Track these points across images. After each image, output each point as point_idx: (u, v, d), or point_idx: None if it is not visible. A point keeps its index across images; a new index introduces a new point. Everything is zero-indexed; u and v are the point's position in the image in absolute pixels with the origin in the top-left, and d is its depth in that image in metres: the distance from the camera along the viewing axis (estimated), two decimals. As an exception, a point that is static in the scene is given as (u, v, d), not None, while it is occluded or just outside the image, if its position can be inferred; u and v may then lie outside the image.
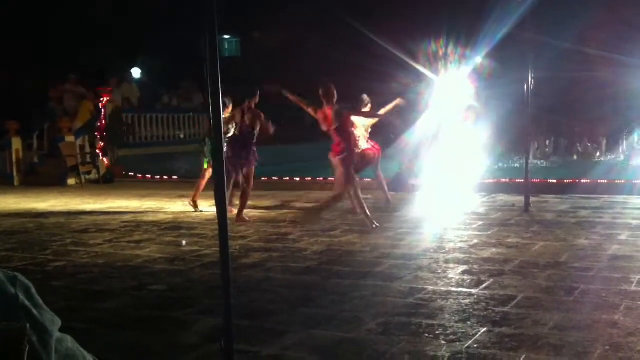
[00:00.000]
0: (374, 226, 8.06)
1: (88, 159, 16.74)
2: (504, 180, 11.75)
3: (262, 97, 9.66)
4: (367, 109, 9.42)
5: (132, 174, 16.56)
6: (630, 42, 16.72)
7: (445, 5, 18.49)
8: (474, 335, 4.14)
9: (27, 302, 0.99)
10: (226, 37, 32.89)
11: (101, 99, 17.45)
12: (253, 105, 9.39)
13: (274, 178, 13.64)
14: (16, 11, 21.37)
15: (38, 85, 18.60)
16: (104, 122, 17.28)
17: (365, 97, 9.46)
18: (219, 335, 3.68)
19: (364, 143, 9.48)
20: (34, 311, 0.99)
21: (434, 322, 4.42)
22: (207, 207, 10.03)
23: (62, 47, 21.32)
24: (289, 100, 9.34)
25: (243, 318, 4.47)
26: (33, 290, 1.06)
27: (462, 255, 6.47)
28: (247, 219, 9.06)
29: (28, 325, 0.92)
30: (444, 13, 16.90)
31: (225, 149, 8.93)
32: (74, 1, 22.07)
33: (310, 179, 13.51)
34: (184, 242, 7.71)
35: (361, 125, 9.38)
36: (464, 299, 4.94)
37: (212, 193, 3.94)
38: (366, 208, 8.25)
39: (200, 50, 3.76)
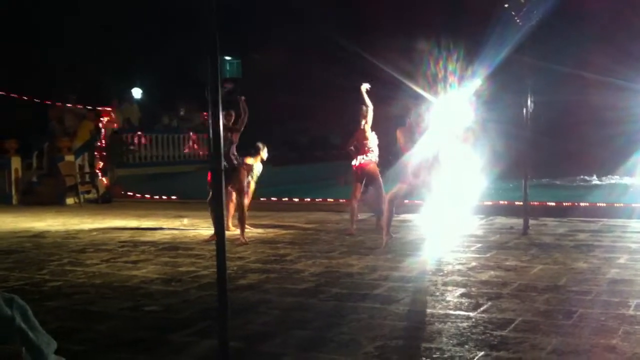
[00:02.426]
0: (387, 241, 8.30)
1: (87, 179, 16.75)
2: (502, 202, 11.75)
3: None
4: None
5: (131, 193, 16.56)
6: (627, 66, 16.82)
7: (444, 27, 18.63)
8: (471, 359, 4.12)
9: (23, 325, 0.99)
10: (227, 58, 33.09)
11: (101, 119, 17.50)
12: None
13: (272, 199, 13.64)
14: (16, 29, 21.49)
15: (38, 104, 18.68)
16: (103, 141, 17.32)
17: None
18: (214, 358, 3.66)
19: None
20: (30, 334, 0.99)
21: (432, 346, 4.40)
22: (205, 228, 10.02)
23: (62, 67, 21.42)
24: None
25: (239, 340, 4.44)
26: (30, 312, 1.06)
27: (460, 278, 6.45)
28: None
29: (23, 348, 0.92)
30: (443, 35, 17.00)
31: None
32: (74, 21, 22.20)
33: (309, 199, 13.52)
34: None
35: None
36: (461, 322, 4.92)
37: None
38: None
39: (201, 71, 3.78)
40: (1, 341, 0.89)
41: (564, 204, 11.45)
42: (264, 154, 10.23)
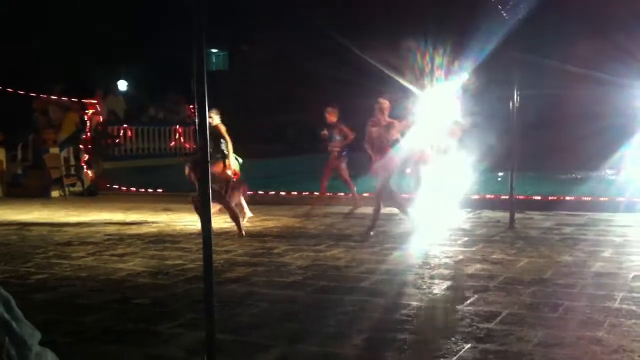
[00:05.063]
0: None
1: (72, 171, 16.65)
2: (489, 196, 11.79)
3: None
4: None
5: (117, 186, 16.47)
6: (613, 60, 16.91)
7: (431, 20, 18.63)
8: (458, 351, 4.14)
9: (6, 315, 0.97)
10: (214, 50, 32.93)
11: (87, 111, 17.38)
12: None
13: (259, 192, 13.61)
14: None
15: (22, 96, 18.51)
16: (89, 134, 17.20)
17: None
18: (201, 350, 3.65)
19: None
20: (13, 324, 0.97)
21: (419, 338, 4.41)
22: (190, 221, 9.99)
23: (47, 58, 21.26)
24: None
25: (226, 332, 4.44)
26: (13, 302, 1.04)
27: (447, 271, 6.47)
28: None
29: (7, 338, 0.91)
30: (430, 29, 17.00)
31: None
32: (59, 11, 22.02)
33: (296, 193, 13.50)
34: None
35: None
36: (448, 314, 4.94)
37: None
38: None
39: (188, 63, 3.76)
40: (-16, 332, 0.87)
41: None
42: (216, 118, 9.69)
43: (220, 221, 9.76)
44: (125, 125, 18.55)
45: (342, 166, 11.14)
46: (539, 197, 11.54)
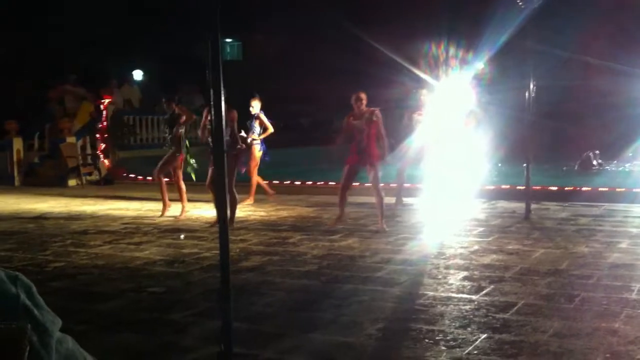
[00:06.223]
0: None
1: (89, 160, 16.74)
2: (504, 186, 11.74)
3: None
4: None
5: (133, 175, 16.55)
6: (629, 51, 16.74)
7: (445, 11, 18.51)
8: (474, 341, 4.13)
9: (28, 302, 0.98)
10: (228, 40, 32.89)
11: (102, 100, 17.45)
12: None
13: (274, 182, 13.62)
14: (15, 10, 21.39)
15: (38, 85, 18.61)
16: (105, 123, 17.28)
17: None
18: (217, 338, 3.67)
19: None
20: (35, 311, 0.98)
21: (434, 328, 4.41)
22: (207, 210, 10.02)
23: (62, 48, 21.34)
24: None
25: (241, 321, 4.46)
26: (34, 290, 1.05)
27: (462, 261, 6.46)
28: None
29: (29, 325, 0.91)
30: (444, 19, 16.89)
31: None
32: (74, 2, 22.08)
33: (311, 182, 13.51)
34: (182, 236, 8.18)
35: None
36: (464, 305, 4.93)
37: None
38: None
39: (202, 53, 3.75)
40: (6, 319, 0.87)
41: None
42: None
43: (236, 210, 9.78)
44: (140, 115, 18.61)
45: (255, 160, 11.16)
46: (554, 188, 11.47)
